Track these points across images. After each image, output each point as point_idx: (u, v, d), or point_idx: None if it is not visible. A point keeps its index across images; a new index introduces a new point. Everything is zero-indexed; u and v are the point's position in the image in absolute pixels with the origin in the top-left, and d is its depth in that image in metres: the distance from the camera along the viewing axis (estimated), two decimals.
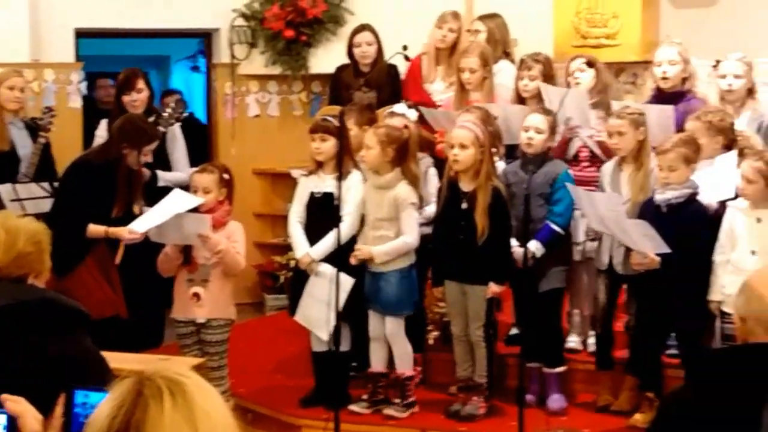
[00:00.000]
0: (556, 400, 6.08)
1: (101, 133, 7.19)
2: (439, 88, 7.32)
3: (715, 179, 5.73)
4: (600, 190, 6.03)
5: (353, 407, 6.11)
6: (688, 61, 6.46)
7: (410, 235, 5.99)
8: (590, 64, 6.53)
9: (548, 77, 6.67)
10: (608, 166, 6.08)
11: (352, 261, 5.96)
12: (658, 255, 5.52)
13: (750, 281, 2.82)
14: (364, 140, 6.07)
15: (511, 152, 6.44)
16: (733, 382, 2.69)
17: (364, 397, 6.17)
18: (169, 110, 7.13)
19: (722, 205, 5.68)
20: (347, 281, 5.89)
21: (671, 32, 7.38)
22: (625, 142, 5.88)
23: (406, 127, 6.13)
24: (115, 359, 3.12)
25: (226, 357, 5.98)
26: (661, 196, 5.63)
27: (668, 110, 6.15)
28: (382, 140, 5.96)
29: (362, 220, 6.11)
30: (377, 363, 6.17)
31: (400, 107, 6.44)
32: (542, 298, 6.01)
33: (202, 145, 9.27)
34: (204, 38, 9.70)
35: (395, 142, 5.98)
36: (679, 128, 6.04)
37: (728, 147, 5.83)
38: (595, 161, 6.32)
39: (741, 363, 2.74)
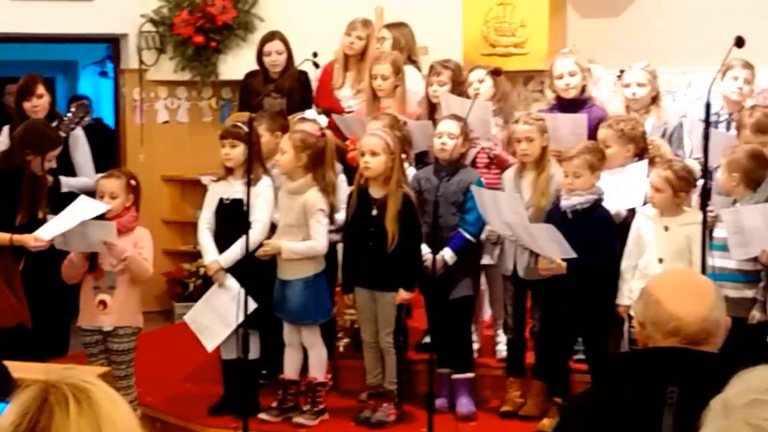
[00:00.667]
0: (465, 406, 6.12)
1: (3, 139, 7.06)
2: (348, 95, 7.35)
3: (625, 187, 5.83)
4: None
5: (262, 415, 6.08)
6: (587, 69, 6.58)
7: (318, 242, 5.99)
8: (493, 73, 6.61)
9: (458, 83, 6.74)
10: (509, 173, 6.15)
11: (259, 253, 5.94)
12: (564, 260, 5.60)
13: (648, 287, 2.86)
14: (280, 145, 6.07)
15: (421, 158, 6.48)
16: (633, 386, 2.73)
17: (274, 404, 6.15)
18: (69, 115, 7.04)
19: (631, 212, 5.77)
20: (250, 303, 5.88)
21: (578, 41, 7.50)
22: (533, 148, 5.96)
23: (323, 134, 6.13)
24: (18, 369, 3.07)
25: (133, 366, 5.90)
26: (567, 202, 5.71)
27: (581, 119, 6.25)
28: (296, 145, 5.97)
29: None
30: (289, 370, 6.15)
31: (310, 113, 6.45)
32: (453, 305, 6.06)
33: (110, 151, 9.17)
34: (112, 43, 9.57)
35: (310, 147, 5.98)
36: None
37: (639, 155, 5.93)
38: (492, 167, 6.39)
39: (641, 367, 2.78)
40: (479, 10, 8.14)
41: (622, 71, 6.63)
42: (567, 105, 6.52)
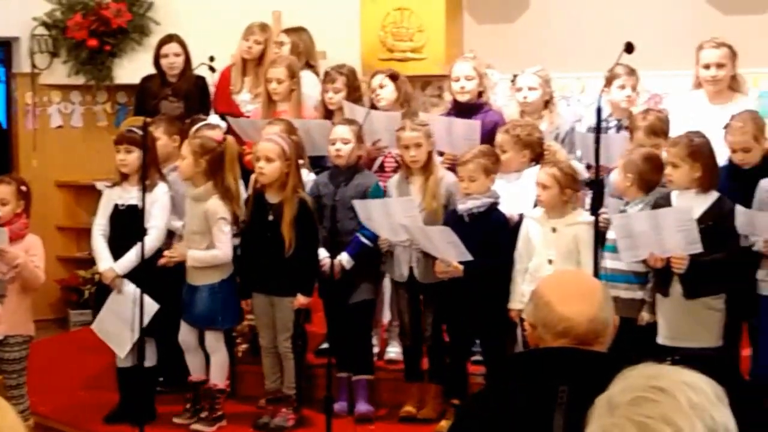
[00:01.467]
0: (363, 409, 6.13)
1: None
2: (246, 99, 7.34)
3: (520, 192, 5.89)
4: None
5: (177, 419, 6.06)
6: (484, 75, 6.65)
7: (221, 250, 5.96)
8: (392, 77, 6.64)
9: (353, 89, 6.76)
10: (395, 179, 6.18)
11: (163, 262, 5.89)
12: (461, 263, 5.64)
13: (538, 289, 2.90)
14: (182, 150, 6.02)
15: (317, 163, 6.48)
16: (525, 386, 2.76)
17: (188, 406, 6.12)
18: None
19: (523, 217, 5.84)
20: (151, 305, 5.82)
21: (475, 47, 7.57)
22: (421, 153, 6.00)
23: (224, 140, 6.10)
24: None
25: (24, 375, 5.78)
26: (463, 206, 5.76)
27: (475, 124, 6.30)
28: (195, 150, 5.94)
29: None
30: (195, 371, 6.13)
31: (214, 118, 6.44)
32: (352, 309, 6.06)
33: (2, 156, 8.96)
34: (3, 47, 9.35)
35: (208, 153, 5.95)
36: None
37: (536, 160, 6.00)
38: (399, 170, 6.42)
39: (532, 367, 2.82)
40: (377, 15, 8.17)
41: (515, 76, 6.72)
42: (463, 109, 6.58)
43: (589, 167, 5.96)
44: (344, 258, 5.99)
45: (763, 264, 5.32)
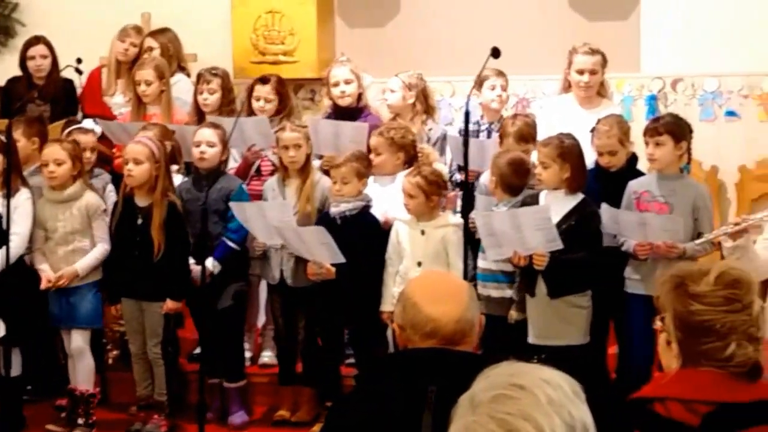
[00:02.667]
0: (237, 415, 6.09)
1: None
2: (120, 102, 7.25)
3: (394, 194, 5.93)
4: None
5: (51, 427, 5.97)
6: (360, 78, 6.69)
7: (106, 242, 5.95)
8: (261, 80, 6.65)
9: (227, 91, 6.73)
10: (271, 181, 6.17)
11: (44, 286, 5.81)
12: (333, 265, 5.65)
13: (406, 290, 2.93)
14: (53, 155, 5.90)
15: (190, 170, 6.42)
16: (394, 387, 2.78)
17: (63, 415, 6.02)
18: None
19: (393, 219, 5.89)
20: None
21: (347, 50, 7.60)
22: (300, 155, 6.00)
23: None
24: None
25: None
26: (336, 209, 5.78)
27: (362, 127, 6.33)
28: (72, 155, 5.88)
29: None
30: (85, 380, 6.03)
31: (88, 122, 6.36)
32: (221, 314, 6.02)
33: None
34: None
35: (80, 156, 5.95)
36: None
37: (409, 163, 6.04)
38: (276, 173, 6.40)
39: (401, 368, 2.85)
40: (248, 17, 8.13)
41: (387, 80, 6.77)
42: (343, 113, 6.60)
43: (461, 169, 6.03)
44: (212, 263, 5.93)
45: (630, 263, 5.47)
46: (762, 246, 4.97)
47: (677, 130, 5.46)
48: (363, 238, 5.73)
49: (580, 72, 6.36)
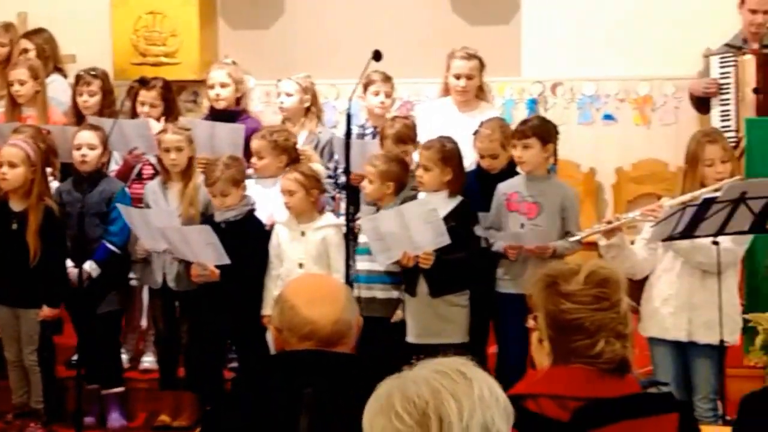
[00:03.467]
0: (116, 421, 6.02)
1: None
2: None
3: (276, 197, 5.91)
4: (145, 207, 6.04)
5: None
6: (241, 81, 6.65)
7: None
8: (140, 82, 6.57)
9: (107, 92, 6.64)
10: (153, 184, 6.10)
11: None
12: (217, 267, 5.61)
13: (283, 293, 2.93)
14: None
15: (68, 171, 6.30)
16: (271, 390, 2.78)
17: None
18: None
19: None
20: None
21: (230, 52, 7.56)
22: (182, 157, 5.95)
23: None
24: None
25: None
26: (220, 216, 5.73)
27: (239, 129, 6.30)
28: None
29: None
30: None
31: None
32: (100, 319, 5.92)
33: None
34: None
35: None
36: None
37: (290, 166, 6.02)
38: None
39: (278, 371, 2.84)
40: (128, 18, 8.01)
41: (280, 80, 6.75)
42: (220, 115, 6.56)
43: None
44: (91, 266, 5.84)
45: (501, 263, 5.55)
46: (639, 245, 5.10)
47: (544, 132, 5.57)
48: (248, 241, 5.69)
49: (457, 77, 6.43)
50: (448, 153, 5.51)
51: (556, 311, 2.63)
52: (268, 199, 5.91)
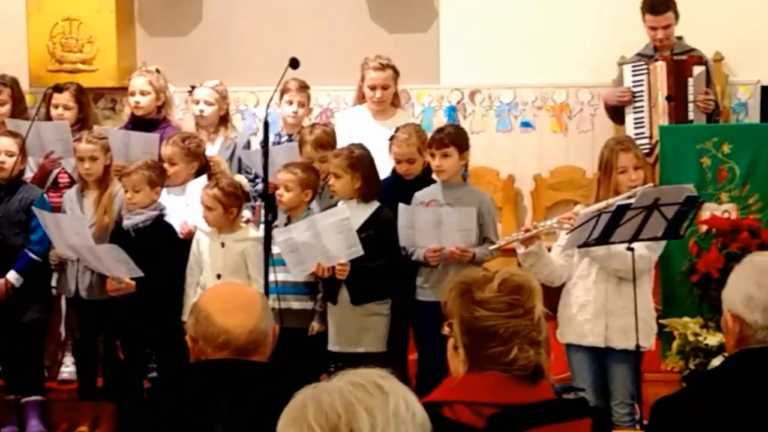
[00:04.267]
0: (34, 427, 5.95)
1: None
2: None
3: (188, 203, 5.88)
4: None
5: None
6: (162, 89, 6.60)
7: None
8: (55, 89, 6.49)
9: (17, 100, 6.55)
10: (71, 192, 6.05)
11: None
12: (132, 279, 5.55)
13: (199, 302, 2.92)
14: None
15: None
16: (186, 399, 2.77)
17: None
18: None
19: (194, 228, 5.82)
20: None
21: (148, 59, 7.49)
22: (96, 167, 5.89)
23: None
24: None
25: None
26: (129, 221, 5.68)
27: (153, 138, 6.24)
28: None
29: None
30: None
31: None
32: (23, 328, 5.84)
33: None
34: None
35: None
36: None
37: (200, 172, 6.00)
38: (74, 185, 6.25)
39: (192, 381, 2.83)
40: (44, 25, 7.89)
41: (193, 87, 6.70)
42: (140, 123, 6.50)
43: (262, 180, 6.03)
44: (12, 276, 5.75)
45: (421, 271, 5.57)
46: (555, 252, 5.16)
47: (461, 140, 5.62)
48: (159, 248, 5.64)
49: (372, 87, 6.45)
50: (356, 159, 5.53)
51: (470, 318, 2.65)
52: (176, 205, 5.86)
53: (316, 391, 1.88)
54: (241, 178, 6.04)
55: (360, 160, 5.53)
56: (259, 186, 6.27)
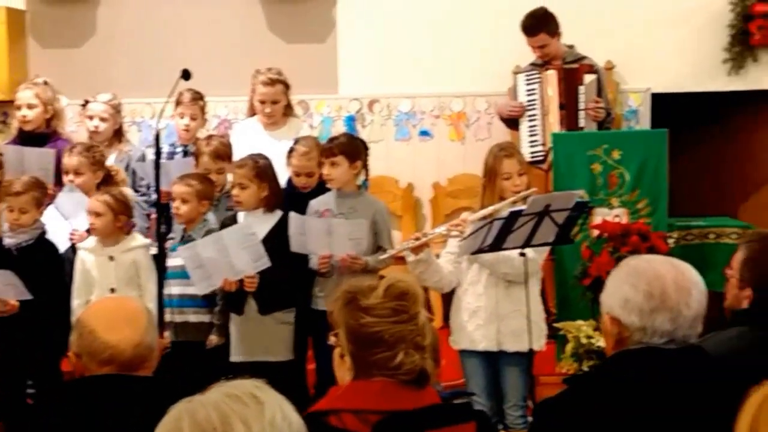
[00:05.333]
0: None
1: None
2: None
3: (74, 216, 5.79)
4: None
5: None
6: (50, 101, 6.48)
7: None
8: None
9: None
10: None
11: None
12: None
13: (82, 317, 2.89)
14: None
15: None
16: (68, 418, 2.74)
17: None
18: None
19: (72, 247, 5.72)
20: None
21: (41, 71, 7.36)
22: None
23: None
24: None
25: None
26: (11, 241, 5.54)
27: (49, 153, 6.15)
28: None
29: None
30: None
31: None
32: None
33: None
34: None
35: None
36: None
37: (103, 183, 5.92)
38: None
39: (76, 398, 2.80)
40: None
41: (86, 101, 6.60)
42: (29, 138, 6.39)
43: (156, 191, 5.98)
44: None
45: (317, 281, 5.57)
46: (445, 259, 5.21)
47: (351, 149, 5.60)
48: (42, 266, 5.48)
49: (262, 102, 6.44)
50: (261, 169, 5.52)
51: (356, 326, 2.67)
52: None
53: (191, 404, 1.87)
54: (128, 191, 5.97)
55: (265, 170, 5.52)
56: (153, 197, 6.23)
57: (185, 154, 6.39)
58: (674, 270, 2.75)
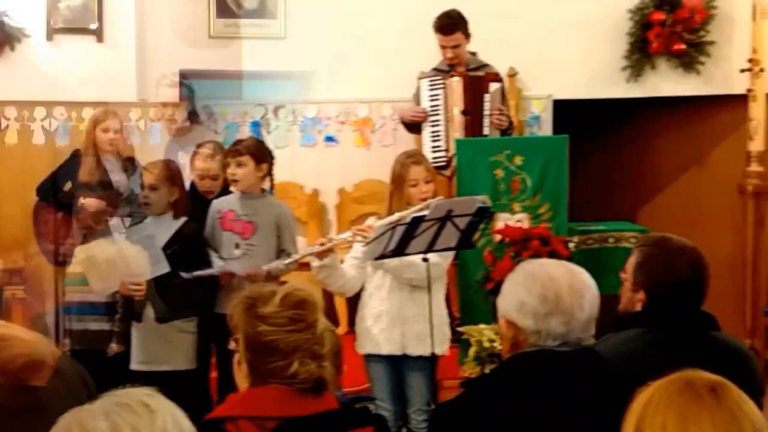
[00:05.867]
0: None
1: None
2: None
3: None
4: None
5: None
6: None
7: None
8: None
9: None
10: None
11: None
12: None
13: None
14: None
15: None
16: None
17: None
18: None
19: None
20: None
21: None
22: None
23: None
24: None
25: None
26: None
27: None
28: None
29: None
30: None
31: None
32: None
33: None
34: None
35: None
36: None
37: None
38: None
39: None
40: None
41: None
42: None
43: None
44: None
45: (220, 286, 5.53)
46: (349, 264, 5.21)
47: (258, 152, 5.55)
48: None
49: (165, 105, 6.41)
50: (173, 172, 5.47)
51: (253, 333, 2.66)
52: None
53: (81, 413, 1.85)
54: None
55: (177, 173, 5.47)
56: None
57: None
58: (568, 273, 2.80)
